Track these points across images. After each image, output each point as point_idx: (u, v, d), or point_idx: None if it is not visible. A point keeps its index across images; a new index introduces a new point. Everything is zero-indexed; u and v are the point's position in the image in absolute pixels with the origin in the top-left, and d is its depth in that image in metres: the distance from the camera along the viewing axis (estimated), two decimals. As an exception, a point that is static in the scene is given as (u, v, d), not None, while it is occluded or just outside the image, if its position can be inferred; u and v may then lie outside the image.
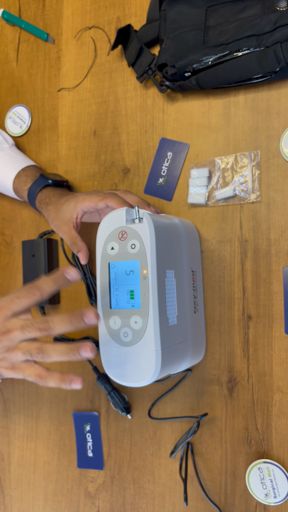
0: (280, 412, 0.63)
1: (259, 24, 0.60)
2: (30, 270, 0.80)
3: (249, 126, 0.66)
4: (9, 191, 0.79)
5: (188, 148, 0.70)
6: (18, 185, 0.76)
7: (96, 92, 0.79)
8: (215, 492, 0.67)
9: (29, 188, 0.74)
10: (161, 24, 0.68)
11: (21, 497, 0.84)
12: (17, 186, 0.77)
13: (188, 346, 0.61)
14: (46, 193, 0.73)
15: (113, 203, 0.63)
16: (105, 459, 0.76)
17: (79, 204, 0.66)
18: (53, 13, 0.84)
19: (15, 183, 0.77)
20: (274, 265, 0.64)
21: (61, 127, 0.82)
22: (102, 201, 0.64)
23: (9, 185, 0.78)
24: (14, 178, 0.77)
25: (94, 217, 0.72)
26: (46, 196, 0.73)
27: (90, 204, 0.65)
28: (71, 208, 0.67)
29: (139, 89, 0.75)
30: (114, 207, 0.62)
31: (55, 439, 0.81)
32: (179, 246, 0.61)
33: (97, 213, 0.72)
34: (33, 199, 0.74)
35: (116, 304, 0.56)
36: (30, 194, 0.74)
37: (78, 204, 0.66)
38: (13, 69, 0.88)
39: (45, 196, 0.73)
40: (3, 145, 0.80)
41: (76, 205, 0.66)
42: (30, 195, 0.74)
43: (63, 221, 0.68)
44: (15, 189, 0.77)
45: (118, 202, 0.62)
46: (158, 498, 0.71)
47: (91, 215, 0.72)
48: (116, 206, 0.62)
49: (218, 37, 0.63)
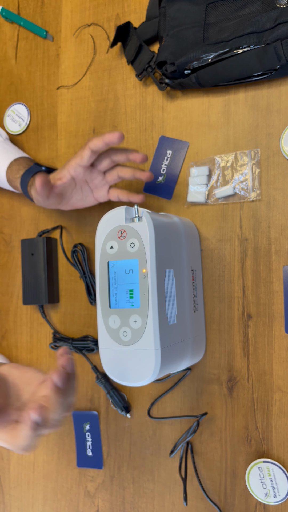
0: (280, 411, 0.63)
1: (259, 21, 0.59)
2: (29, 268, 0.80)
3: (249, 124, 0.66)
4: (3, 182, 0.78)
5: (187, 146, 0.70)
6: (10, 175, 0.76)
7: (95, 89, 0.78)
8: (215, 491, 0.67)
9: (22, 175, 0.73)
10: (161, 21, 0.68)
11: (21, 496, 0.84)
12: (9, 176, 0.76)
13: (187, 345, 0.61)
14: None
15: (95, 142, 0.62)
16: (105, 458, 0.76)
17: (65, 167, 0.65)
18: (52, 10, 0.84)
19: (7, 173, 0.76)
20: (274, 264, 0.64)
21: (60, 125, 0.82)
22: (86, 149, 0.63)
23: (2, 176, 0.77)
24: (6, 169, 0.76)
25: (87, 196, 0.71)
26: None
27: (75, 161, 0.64)
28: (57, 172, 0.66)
29: (138, 87, 0.74)
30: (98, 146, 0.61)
31: (54, 438, 0.81)
32: (178, 245, 0.61)
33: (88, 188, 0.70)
34: (25, 185, 0.73)
35: (116, 303, 0.56)
36: (22, 181, 0.73)
37: (64, 167, 0.65)
38: (12, 67, 0.88)
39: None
40: None
41: (62, 168, 0.66)
42: (22, 182, 0.73)
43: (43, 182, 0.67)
44: (8, 179, 0.76)
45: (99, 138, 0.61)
46: (158, 498, 0.71)
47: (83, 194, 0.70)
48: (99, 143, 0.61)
49: (218, 34, 0.63)
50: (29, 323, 0.84)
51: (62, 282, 0.81)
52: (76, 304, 0.79)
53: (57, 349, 0.79)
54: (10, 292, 0.86)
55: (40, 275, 0.79)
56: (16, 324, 0.86)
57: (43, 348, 0.82)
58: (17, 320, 0.85)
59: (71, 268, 0.80)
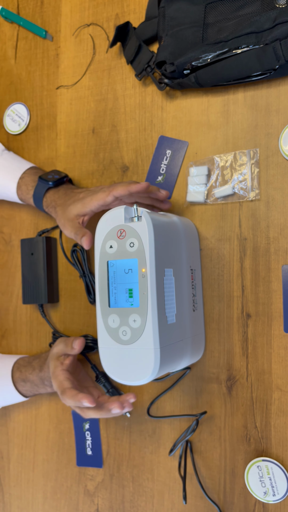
0: (279, 410, 0.63)
1: (258, 21, 0.59)
2: (29, 268, 0.80)
3: (248, 124, 0.66)
4: (16, 200, 0.80)
5: (187, 146, 0.70)
6: (21, 196, 0.77)
7: (94, 89, 0.79)
8: (214, 490, 0.67)
9: (33, 196, 0.74)
10: (160, 21, 0.68)
11: (21, 495, 0.85)
12: (21, 197, 0.77)
13: (187, 344, 0.61)
14: (50, 197, 0.73)
15: (120, 191, 0.62)
16: (104, 457, 0.76)
17: (87, 205, 0.65)
18: (51, 10, 0.84)
19: (18, 194, 0.77)
20: (273, 263, 0.64)
21: (60, 125, 0.82)
22: (109, 195, 0.63)
23: (15, 197, 0.78)
24: (16, 190, 0.77)
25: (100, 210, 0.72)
26: (52, 199, 0.73)
27: (98, 203, 0.64)
28: (79, 209, 0.66)
29: (138, 87, 0.75)
30: (122, 195, 0.61)
31: (54, 437, 0.81)
32: (178, 244, 0.61)
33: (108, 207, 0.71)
34: (40, 205, 0.74)
35: (115, 303, 0.56)
36: (36, 202, 0.74)
37: (86, 205, 0.66)
38: (12, 67, 0.88)
39: (51, 200, 0.73)
40: None
41: (84, 207, 0.66)
42: (36, 202, 0.74)
43: (68, 218, 0.68)
44: (21, 199, 0.78)
45: (123, 187, 0.61)
46: (157, 496, 0.71)
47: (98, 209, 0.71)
48: (124, 192, 0.61)
49: (217, 34, 0.63)
50: (29, 323, 0.84)
51: (61, 282, 0.81)
52: (75, 304, 0.80)
53: None
54: (10, 291, 0.86)
55: (40, 275, 0.79)
56: (15, 323, 0.86)
57: (42, 348, 0.83)
58: (16, 319, 0.86)
59: (71, 267, 0.80)
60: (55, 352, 0.70)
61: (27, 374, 0.74)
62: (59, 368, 0.68)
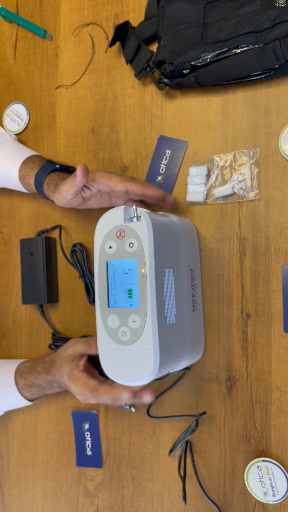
0: (279, 410, 0.63)
1: (258, 21, 0.59)
2: (28, 268, 0.80)
3: (248, 124, 0.66)
4: (14, 181, 0.78)
5: (186, 145, 0.70)
6: (24, 172, 0.75)
7: (94, 89, 0.78)
8: (214, 490, 0.67)
9: (36, 173, 0.73)
10: (159, 21, 0.68)
11: (20, 495, 0.85)
12: (23, 173, 0.76)
13: (186, 344, 0.61)
14: (54, 177, 0.72)
15: (135, 187, 0.60)
16: (104, 457, 0.76)
17: (96, 178, 0.63)
18: (50, 9, 0.84)
19: (21, 170, 0.76)
20: (273, 263, 0.64)
21: (59, 125, 0.82)
22: (123, 184, 0.61)
23: (14, 174, 0.76)
24: (20, 166, 0.76)
25: (104, 202, 0.71)
26: (54, 179, 0.72)
27: (108, 182, 0.62)
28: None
29: (137, 87, 0.74)
30: (135, 193, 0.60)
31: (54, 438, 0.81)
32: (177, 244, 0.61)
33: (108, 195, 0.70)
34: (40, 184, 0.73)
35: (114, 303, 0.56)
36: (37, 180, 0.73)
37: (95, 177, 0.63)
38: (11, 66, 0.87)
39: (54, 177, 0.72)
40: (6, 138, 0.80)
41: (92, 178, 0.64)
42: (37, 180, 0.73)
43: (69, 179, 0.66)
44: (21, 176, 0.76)
45: (140, 186, 0.60)
46: (157, 496, 0.71)
47: (101, 199, 0.70)
48: (138, 191, 0.60)
49: (217, 34, 0.63)
50: (28, 323, 0.84)
51: (61, 282, 0.81)
52: (75, 304, 0.79)
53: (57, 349, 0.79)
54: (9, 291, 0.86)
55: (39, 275, 0.79)
56: (15, 323, 0.86)
57: (42, 348, 0.83)
58: (16, 319, 0.85)
59: (70, 267, 0.80)
60: (70, 353, 0.69)
61: (32, 379, 0.74)
62: (76, 370, 0.67)
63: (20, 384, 0.74)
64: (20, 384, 0.74)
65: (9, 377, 0.76)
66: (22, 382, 0.74)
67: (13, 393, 0.75)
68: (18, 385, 0.75)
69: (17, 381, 0.75)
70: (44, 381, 0.73)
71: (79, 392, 0.65)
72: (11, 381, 0.75)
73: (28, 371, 0.75)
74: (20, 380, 0.75)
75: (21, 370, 0.76)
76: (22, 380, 0.74)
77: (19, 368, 0.76)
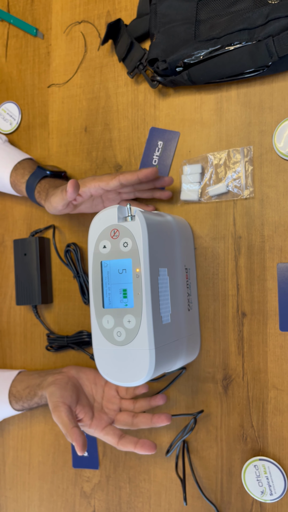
0: (275, 409, 0.63)
1: (250, 18, 0.59)
2: (22, 269, 0.79)
3: (241, 121, 0.65)
4: (5, 186, 0.77)
5: (178, 136, 0.69)
6: (15, 178, 0.75)
7: (86, 87, 0.78)
8: (211, 490, 0.67)
9: (27, 180, 0.73)
10: (152, 18, 0.67)
11: (16, 497, 0.84)
12: (14, 180, 0.75)
13: (182, 344, 0.60)
14: (45, 183, 0.72)
15: (128, 177, 0.60)
16: (100, 458, 0.76)
17: (86, 183, 0.63)
18: (42, 7, 0.83)
19: (12, 176, 0.75)
20: (268, 262, 0.63)
21: (52, 124, 0.81)
22: (115, 179, 0.61)
23: (6, 179, 0.76)
24: (11, 171, 0.75)
25: (96, 206, 0.70)
26: (46, 184, 0.71)
27: (99, 184, 0.62)
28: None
29: (130, 85, 0.74)
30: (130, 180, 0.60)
31: (49, 439, 0.80)
32: (172, 243, 0.61)
33: (101, 199, 0.69)
34: (31, 191, 0.72)
35: (109, 303, 0.56)
36: (28, 187, 0.73)
37: (85, 183, 0.63)
38: (2, 65, 0.87)
39: (45, 185, 0.71)
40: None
41: (83, 184, 0.63)
42: (28, 187, 0.73)
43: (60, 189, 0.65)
44: (12, 182, 0.75)
45: (132, 174, 0.60)
46: (154, 497, 0.71)
47: (93, 203, 0.69)
48: (132, 178, 0.60)
49: (210, 31, 0.62)
50: (23, 324, 0.83)
51: (55, 282, 0.80)
52: (70, 304, 0.79)
53: (53, 350, 0.78)
54: (3, 292, 0.85)
55: (33, 275, 0.78)
56: (9, 325, 0.85)
57: (37, 349, 0.82)
58: (10, 321, 0.85)
59: (65, 268, 0.79)
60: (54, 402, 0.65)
61: (28, 403, 0.73)
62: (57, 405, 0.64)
63: (16, 407, 0.74)
64: (17, 407, 0.74)
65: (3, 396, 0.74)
66: (20, 407, 0.74)
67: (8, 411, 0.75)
68: (14, 407, 0.74)
69: (13, 405, 0.74)
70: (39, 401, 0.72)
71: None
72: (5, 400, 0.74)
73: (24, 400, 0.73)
74: (16, 405, 0.73)
75: (15, 395, 0.73)
76: (19, 405, 0.73)
77: (13, 392, 0.74)
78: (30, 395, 0.71)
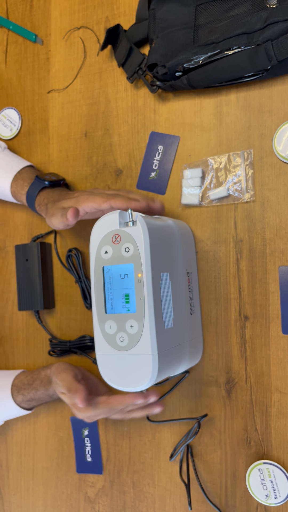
0: (279, 412, 0.63)
1: (249, 22, 0.59)
2: (24, 274, 0.80)
3: (241, 125, 0.66)
4: (7, 197, 0.78)
5: (178, 140, 0.70)
6: (15, 189, 0.75)
7: (86, 93, 0.78)
8: (216, 494, 0.67)
9: (27, 192, 0.73)
10: (151, 23, 0.68)
11: (21, 503, 0.84)
12: (14, 190, 0.75)
13: (185, 348, 0.60)
14: (44, 195, 0.72)
15: (118, 203, 0.60)
16: (104, 463, 0.76)
17: (80, 203, 0.63)
18: (41, 13, 0.83)
19: (12, 187, 0.75)
20: (269, 265, 0.63)
21: (52, 129, 0.81)
22: (106, 203, 0.61)
23: (7, 190, 0.76)
24: (11, 182, 0.75)
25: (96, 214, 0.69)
26: (45, 197, 0.71)
27: (92, 205, 0.62)
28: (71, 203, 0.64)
29: (129, 90, 0.74)
30: (119, 208, 0.60)
31: (53, 445, 0.80)
32: (173, 248, 0.61)
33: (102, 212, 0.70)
34: (32, 202, 0.73)
35: (111, 309, 0.56)
36: (28, 198, 0.73)
37: (80, 202, 0.63)
38: (2, 71, 0.87)
39: (44, 198, 0.71)
40: None
41: (77, 203, 0.64)
42: (29, 199, 0.73)
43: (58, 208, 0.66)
44: (13, 193, 0.76)
45: (123, 202, 0.60)
46: (159, 502, 0.71)
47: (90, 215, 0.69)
48: (122, 206, 0.60)
49: (208, 36, 0.63)
50: (25, 329, 0.84)
51: (57, 287, 0.80)
52: (72, 309, 0.79)
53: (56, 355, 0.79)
54: (5, 298, 0.85)
55: (35, 281, 0.78)
56: (12, 330, 0.85)
57: (40, 354, 0.82)
58: (13, 326, 0.85)
59: (66, 273, 0.79)
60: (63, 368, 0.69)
61: (31, 395, 0.73)
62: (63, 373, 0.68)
63: (18, 399, 0.74)
64: (18, 399, 0.74)
65: (5, 391, 0.75)
66: (20, 398, 0.74)
67: (11, 406, 0.75)
68: (16, 400, 0.74)
69: (15, 396, 0.74)
70: (44, 395, 0.73)
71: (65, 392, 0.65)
72: (8, 394, 0.74)
73: (25, 387, 0.74)
74: (18, 396, 0.74)
75: (17, 385, 0.75)
76: (20, 396, 0.74)
77: (15, 383, 0.75)
78: (33, 378, 0.74)
